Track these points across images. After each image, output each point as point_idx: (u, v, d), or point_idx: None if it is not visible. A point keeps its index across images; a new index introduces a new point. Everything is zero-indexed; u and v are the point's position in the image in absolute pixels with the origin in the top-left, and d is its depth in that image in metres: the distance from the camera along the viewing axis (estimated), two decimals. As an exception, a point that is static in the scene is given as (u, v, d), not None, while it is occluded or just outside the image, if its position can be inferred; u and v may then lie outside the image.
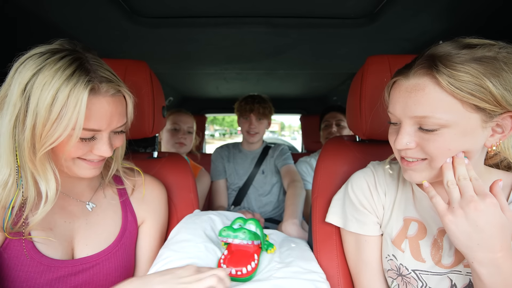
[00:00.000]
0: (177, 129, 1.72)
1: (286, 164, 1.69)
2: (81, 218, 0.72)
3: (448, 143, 0.55)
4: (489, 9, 0.93)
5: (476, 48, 0.53)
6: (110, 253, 0.72)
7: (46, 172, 0.59)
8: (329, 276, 0.81)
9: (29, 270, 0.61)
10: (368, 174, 0.77)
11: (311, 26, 1.13)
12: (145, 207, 0.83)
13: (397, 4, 0.95)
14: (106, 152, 0.63)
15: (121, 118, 0.65)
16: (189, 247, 0.79)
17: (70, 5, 0.94)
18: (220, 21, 1.09)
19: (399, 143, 0.59)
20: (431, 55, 0.55)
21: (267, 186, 1.75)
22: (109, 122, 0.62)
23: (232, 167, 1.80)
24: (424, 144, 0.57)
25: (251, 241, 0.73)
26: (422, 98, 0.54)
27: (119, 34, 1.17)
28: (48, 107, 0.53)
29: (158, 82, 1.00)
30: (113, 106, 0.62)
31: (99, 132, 0.62)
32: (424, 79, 0.54)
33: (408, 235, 0.68)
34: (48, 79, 0.54)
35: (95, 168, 0.66)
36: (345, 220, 0.78)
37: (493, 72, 0.50)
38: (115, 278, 0.71)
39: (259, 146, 1.84)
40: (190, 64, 1.66)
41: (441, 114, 0.53)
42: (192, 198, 1.02)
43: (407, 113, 0.57)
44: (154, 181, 0.88)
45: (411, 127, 0.58)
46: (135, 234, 0.80)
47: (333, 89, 2.34)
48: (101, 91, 0.59)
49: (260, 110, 1.73)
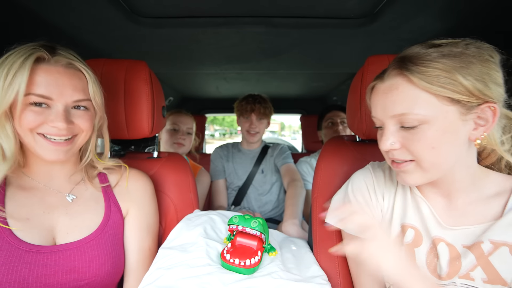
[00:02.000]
0: (176, 129, 1.72)
1: (285, 163, 1.69)
2: (61, 208, 0.73)
3: (430, 141, 0.56)
4: (488, 9, 0.93)
5: (442, 46, 0.56)
6: (92, 240, 0.73)
7: (5, 131, 0.65)
8: (329, 277, 0.81)
9: (7, 255, 0.63)
10: (367, 175, 0.76)
11: (311, 26, 1.13)
12: (129, 197, 0.84)
13: (397, 4, 0.95)
14: (60, 123, 0.65)
15: (76, 91, 0.68)
16: (190, 246, 0.79)
17: (70, 5, 0.94)
18: (220, 21, 1.09)
19: (383, 144, 0.60)
20: (401, 57, 0.59)
21: (266, 185, 1.74)
22: (61, 92, 0.66)
23: (231, 167, 1.79)
24: (408, 144, 0.58)
25: (260, 233, 0.73)
26: (397, 97, 0.57)
27: (119, 34, 1.17)
28: (4, 77, 0.62)
29: (158, 82, 1.00)
30: (65, 76, 0.66)
31: (51, 101, 0.66)
32: (397, 79, 0.57)
33: (404, 242, 0.67)
34: (11, 58, 0.63)
35: (58, 149, 0.68)
36: None
37: (461, 65, 0.53)
38: (100, 265, 0.72)
39: (258, 146, 1.84)
40: (190, 64, 1.66)
41: (418, 110, 0.55)
42: (192, 198, 1.02)
43: (387, 113, 0.59)
44: (138, 173, 0.89)
45: (393, 127, 0.59)
46: (120, 224, 0.81)
47: (333, 89, 2.34)
48: (51, 61, 0.66)
49: (261, 110, 1.73)
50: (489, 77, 0.53)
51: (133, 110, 0.92)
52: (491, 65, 0.54)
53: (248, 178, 1.75)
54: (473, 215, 0.61)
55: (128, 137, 0.96)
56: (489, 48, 0.56)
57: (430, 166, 0.58)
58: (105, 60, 0.95)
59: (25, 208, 0.69)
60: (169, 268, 0.72)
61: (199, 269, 0.71)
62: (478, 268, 0.58)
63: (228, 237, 0.80)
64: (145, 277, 0.73)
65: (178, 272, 0.70)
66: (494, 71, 0.54)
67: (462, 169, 0.60)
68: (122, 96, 0.91)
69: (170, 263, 0.74)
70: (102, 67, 0.92)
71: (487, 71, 0.53)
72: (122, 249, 0.81)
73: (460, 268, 0.59)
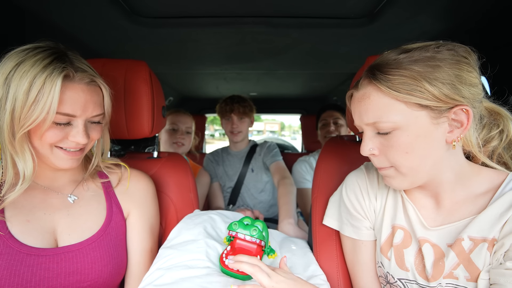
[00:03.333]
0: (176, 129, 1.73)
1: (274, 161, 1.70)
2: (62, 209, 0.73)
3: (404, 146, 0.57)
4: (489, 9, 0.93)
5: (413, 51, 0.56)
6: (94, 242, 0.73)
7: (24, 153, 0.64)
8: (329, 277, 0.81)
9: (8, 259, 0.63)
10: (360, 176, 0.76)
11: (311, 26, 1.13)
12: (130, 198, 0.83)
13: (397, 4, 0.95)
14: (81, 139, 0.66)
15: (96, 107, 0.69)
16: (189, 245, 0.79)
17: (70, 5, 0.94)
18: (220, 21, 1.09)
19: (362, 150, 0.62)
20: (372, 66, 0.60)
21: (259, 184, 1.77)
22: (84, 108, 0.66)
23: (221, 170, 1.83)
24: (385, 150, 0.59)
25: (260, 240, 0.73)
26: (369, 105, 0.58)
27: (119, 34, 1.17)
28: (26, 92, 0.59)
29: (158, 82, 1.00)
30: (87, 93, 0.67)
31: (74, 118, 0.66)
32: (368, 88, 0.59)
33: (394, 243, 0.68)
34: (27, 68, 0.60)
35: (72, 158, 0.69)
36: (341, 223, 0.78)
37: (428, 70, 0.53)
38: (102, 266, 0.72)
39: (245, 146, 1.86)
40: (190, 64, 1.66)
41: (389, 117, 0.56)
42: (192, 198, 1.02)
43: (363, 121, 0.61)
44: (140, 174, 0.89)
45: (371, 133, 0.61)
46: (122, 225, 0.81)
47: (333, 89, 2.34)
48: (76, 78, 0.65)
49: (240, 109, 1.76)
50: (459, 79, 0.53)
51: (133, 110, 0.92)
52: (462, 66, 0.54)
53: (239, 178, 1.78)
54: (458, 212, 0.61)
55: (128, 137, 0.96)
56: (463, 48, 0.56)
57: (408, 171, 0.59)
58: (105, 60, 0.95)
59: (25, 210, 0.69)
60: (169, 268, 0.72)
61: (199, 270, 0.71)
62: (461, 266, 0.57)
63: (228, 238, 0.80)
64: (145, 277, 0.73)
65: (178, 272, 0.70)
66: (467, 72, 0.54)
67: (447, 171, 0.60)
68: (122, 96, 0.91)
69: (170, 263, 0.74)
70: (102, 67, 0.92)
71: (458, 73, 0.53)
72: (125, 250, 0.81)
73: (444, 268, 0.59)
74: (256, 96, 2.60)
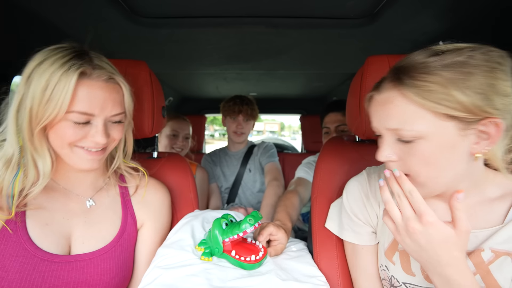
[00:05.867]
0: (176, 135, 1.76)
1: (270, 161, 1.72)
2: (80, 216, 0.72)
3: (426, 156, 0.53)
4: (489, 10, 0.93)
5: (445, 54, 0.51)
6: (106, 253, 0.72)
7: (43, 151, 0.64)
8: (329, 278, 0.80)
9: (23, 261, 0.62)
10: (361, 182, 0.75)
11: (311, 26, 1.13)
12: (146, 210, 0.82)
13: (397, 4, 0.95)
14: (100, 138, 0.65)
15: (116, 105, 0.67)
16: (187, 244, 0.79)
17: (70, 5, 0.94)
18: (220, 21, 1.09)
19: (380, 155, 0.58)
20: (398, 68, 0.55)
21: (257, 184, 1.78)
22: (102, 107, 0.64)
23: (219, 170, 1.84)
24: (405, 157, 0.55)
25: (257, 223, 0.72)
26: (392, 111, 0.54)
27: (119, 34, 1.17)
28: (43, 90, 0.59)
29: (158, 82, 1.00)
30: (106, 91, 0.65)
31: (93, 117, 0.64)
32: (392, 92, 0.54)
33: (399, 248, 0.67)
34: (47, 66, 0.60)
35: (93, 159, 0.68)
36: (341, 229, 0.78)
37: (460, 77, 0.48)
38: (110, 279, 0.71)
39: (244, 146, 1.87)
40: (190, 64, 1.66)
41: (412, 126, 0.52)
42: (192, 198, 1.02)
43: (383, 125, 0.57)
44: (158, 184, 0.88)
45: (390, 138, 0.57)
46: (134, 236, 0.80)
47: (333, 89, 2.34)
48: (93, 75, 0.63)
49: (248, 111, 1.77)
50: (493, 89, 0.48)
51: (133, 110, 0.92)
52: (497, 74, 0.49)
53: (237, 178, 1.78)
54: (475, 218, 0.59)
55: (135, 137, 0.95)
56: (497, 53, 0.51)
57: (426, 181, 0.55)
58: (105, 60, 0.95)
59: (46, 213, 0.68)
60: (167, 267, 0.72)
61: (197, 267, 0.71)
62: (477, 276, 0.56)
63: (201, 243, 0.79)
64: (144, 277, 0.73)
65: (176, 271, 0.70)
66: (501, 81, 0.49)
67: (465, 180, 0.57)
68: (122, 96, 0.91)
69: (168, 262, 0.74)
70: (102, 67, 0.92)
71: (492, 82, 0.48)
72: (132, 261, 0.80)
73: None
74: (256, 96, 2.59)
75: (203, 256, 0.75)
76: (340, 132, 1.52)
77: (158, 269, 0.72)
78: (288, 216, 0.97)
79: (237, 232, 0.71)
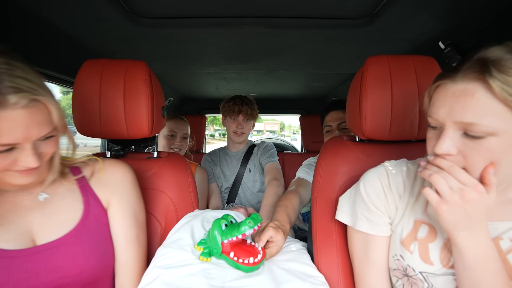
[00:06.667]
0: (173, 135, 1.77)
1: (270, 161, 1.71)
2: (36, 209, 0.71)
3: (492, 154, 0.51)
4: (489, 10, 0.93)
5: None
6: (73, 237, 0.71)
7: None
8: (330, 277, 0.81)
9: None
10: (381, 173, 0.74)
11: (311, 26, 1.13)
12: (108, 188, 0.81)
13: (397, 4, 0.95)
14: (32, 162, 0.60)
15: (42, 127, 0.60)
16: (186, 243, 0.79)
17: (69, 5, 0.94)
18: (220, 21, 1.09)
19: (439, 148, 0.55)
20: (482, 58, 0.52)
21: (257, 184, 1.78)
22: (26, 134, 0.58)
23: (219, 170, 1.84)
24: (467, 152, 0.53)
25: (257, 226, 0.72)
26: (470, 104, 0.51)
27: (119, 34, 1.17)
28: None
29: (158, 82, 1.00)
30: (27, 117, 0.57)
31: (19, 144, 0.59)
32: (474, 84, 0.51)
33: (418, 237, 0.67)
34: None
35: (28, 176, 0.64)
36: (355, 219, 0.77)
37: None
38: (84, 260, 0.70)
39: (244, 146, 1.87)
40: (190, 64, 1.66)
41: (489, 122, 0.49)
42: (192, 198, 1.02)
43: (452, 118, 0.53)
44: (115, 162, 0.85)
45: (454, 132, 0.54)
46: (102, 217, 0.78)
47: (333, 89, 2.34)
48: (8, 103, 0.54)
49: (248, 111, 1.77)
50: None
51: (132, 110, 0.92)
52: None
53: (237, 178, 1.78)
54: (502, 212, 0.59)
55: (128, 137, 0.96)
56: None
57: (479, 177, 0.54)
58: (105, 60, 0.95)
59: None
60: (167, 267, 0.72)
61: (196, 267, 0.71)
62: None
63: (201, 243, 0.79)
64: (144, 277, 0.73)
65: (176, 270, 0.70)
66: None
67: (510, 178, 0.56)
68: (122, 96, 0.91)
69: (168, 261, 0.74)
70: (102, 67, 0.92)
71: None
72: (109, 242, 0.79)
73: None
74: (256, 96, 2.60)
75: (201, 256, 0.75)
76: (342, 130, 1.53)
77: (158, 269, 0.72)
78: (287, 217, 0.97)
79: (236, 234, 0.71)
